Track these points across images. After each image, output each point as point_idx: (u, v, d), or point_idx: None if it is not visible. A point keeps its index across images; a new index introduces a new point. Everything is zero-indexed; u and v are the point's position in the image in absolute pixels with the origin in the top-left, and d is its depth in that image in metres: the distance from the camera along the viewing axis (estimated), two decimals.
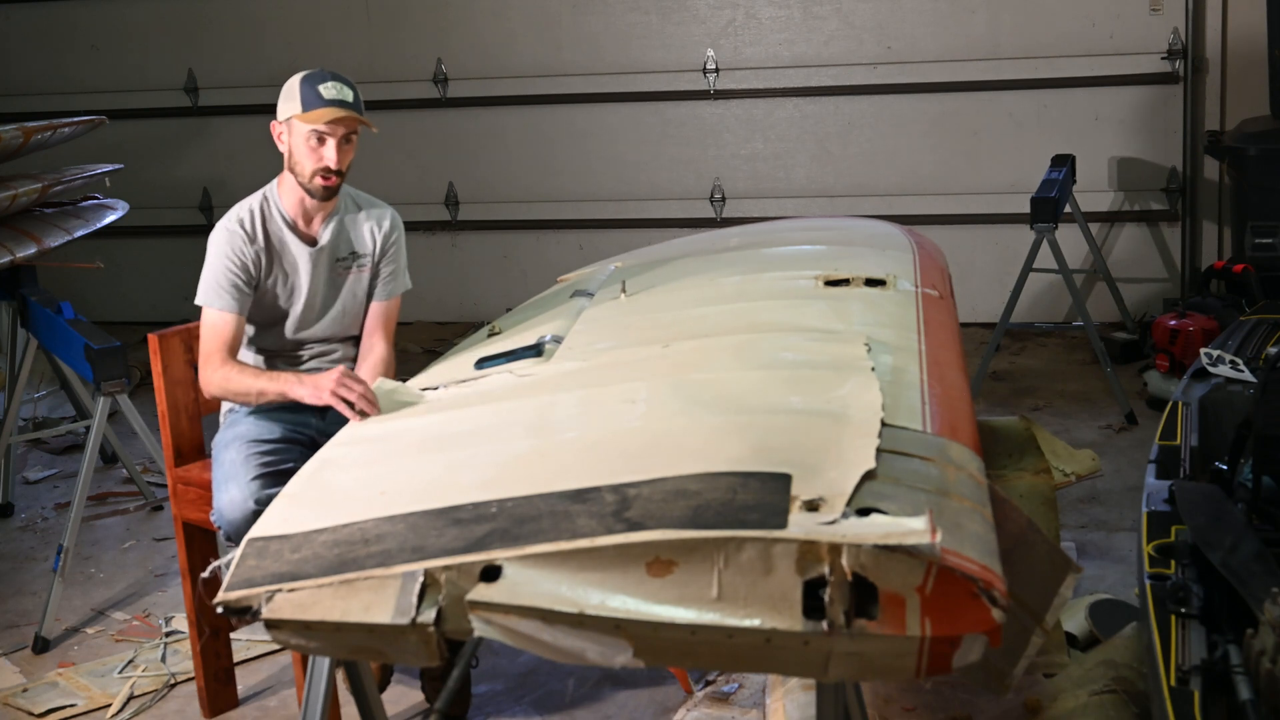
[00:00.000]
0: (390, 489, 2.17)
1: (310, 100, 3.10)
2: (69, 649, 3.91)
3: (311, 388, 2.89)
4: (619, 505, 1.88)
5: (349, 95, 3.12)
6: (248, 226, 3.18)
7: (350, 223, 3.30)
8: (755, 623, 1.73)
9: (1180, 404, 3.50)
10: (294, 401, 3.24)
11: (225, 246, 3.16)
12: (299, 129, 3.12)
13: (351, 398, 2.71)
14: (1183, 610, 2.50)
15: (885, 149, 6.69)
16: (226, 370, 3.10)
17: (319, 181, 3.15)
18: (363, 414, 2.68)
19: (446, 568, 1.86)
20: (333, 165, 3.13)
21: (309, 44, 7.12)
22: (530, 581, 1.82)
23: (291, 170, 3.18)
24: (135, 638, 3.94)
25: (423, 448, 2.40)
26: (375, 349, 3.31)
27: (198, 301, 3.17)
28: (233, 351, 3.13)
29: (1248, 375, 3.60)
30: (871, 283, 3.06)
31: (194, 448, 3.42)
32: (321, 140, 3.11)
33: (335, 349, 3.31)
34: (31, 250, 4.74)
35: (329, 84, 3.11)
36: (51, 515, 4.98)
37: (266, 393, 3.04)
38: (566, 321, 3.04)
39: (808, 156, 6.78)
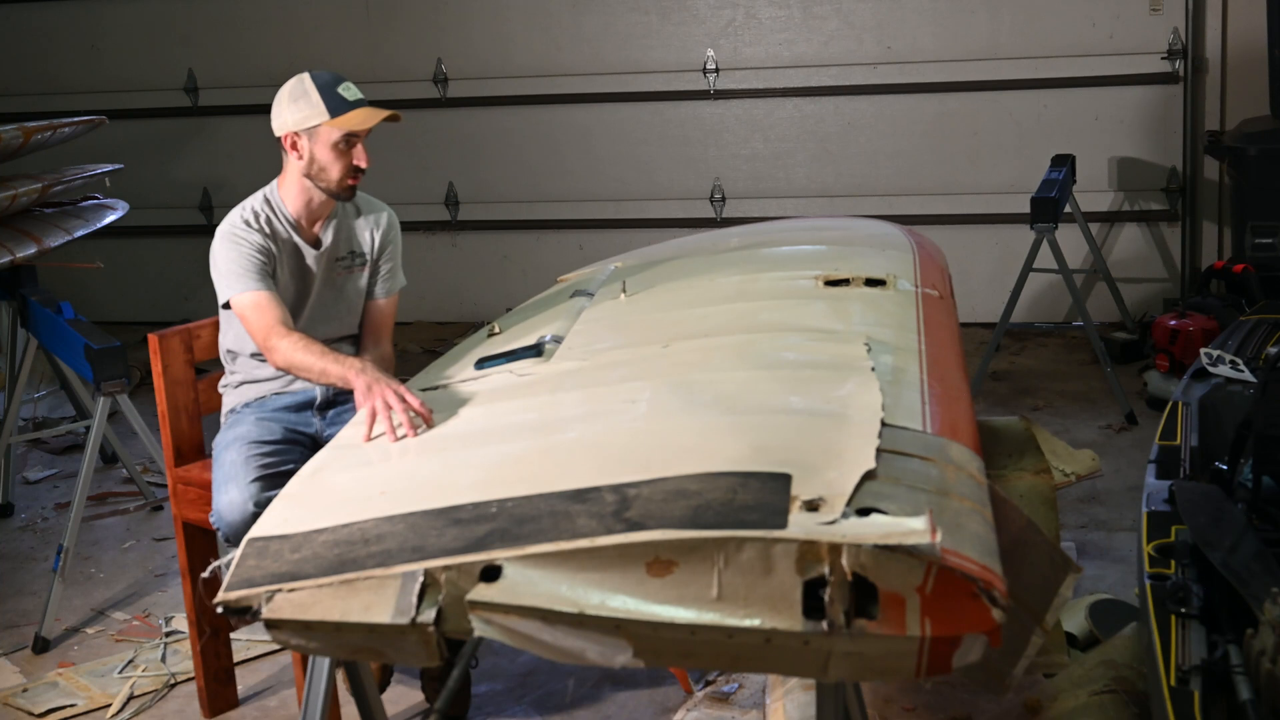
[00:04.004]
0: (390, 489, 2.17)
1: (337, 105, 3.07)
2: (69, 649, 3.91)
3: (365, 388, 2.67)
4: (619, 505, 1.88)
5: (362, 93, 3.13)
6: (255, 224, 3.17)
7: (350, 223, 3.30)
8: (755, 623, 1.73)
9: (1180, 404, 3.50)
10: (304, 400, 3.25)
11: (239, 238, 3.12)
12: (327, 135, 3.08)
13: (397, 418, 2.53)
14: (1183, 610, 2.50)
15: (885, 149, 6.69)
16: (293, 340, 2.98)
17: (348, 183, 3.14)
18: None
19: (446, 568, 1.86)
20: (365, 165, 3.12)
21: (309, 44, 7.12)
22: (530, 581, 1.82)
23: (312, 177, 3.14)
24: (135, 638, 3.94)
25: (423, 448, 2.40)
26: (375, 347, 3.31)
27: (226, 295, 3.10)
28: (287, 324, 3.04)
29: (1248, 375, 3.60)
30: (871, 283, 3.06)
31: (194, 448, 3.41)
32: (350, 143, 3.11)
33: (335, 348, 3.30)
34: (31, 250, 4.74)
35: (344, 85, 3.11)
36: (51, 515, 4.98)
37: (329, 373, 2.92)
38: (566, 321, 3.04)
39: (808, 156, 6.78)
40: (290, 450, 3.12)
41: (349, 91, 3.09)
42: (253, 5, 7.23)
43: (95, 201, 5.46)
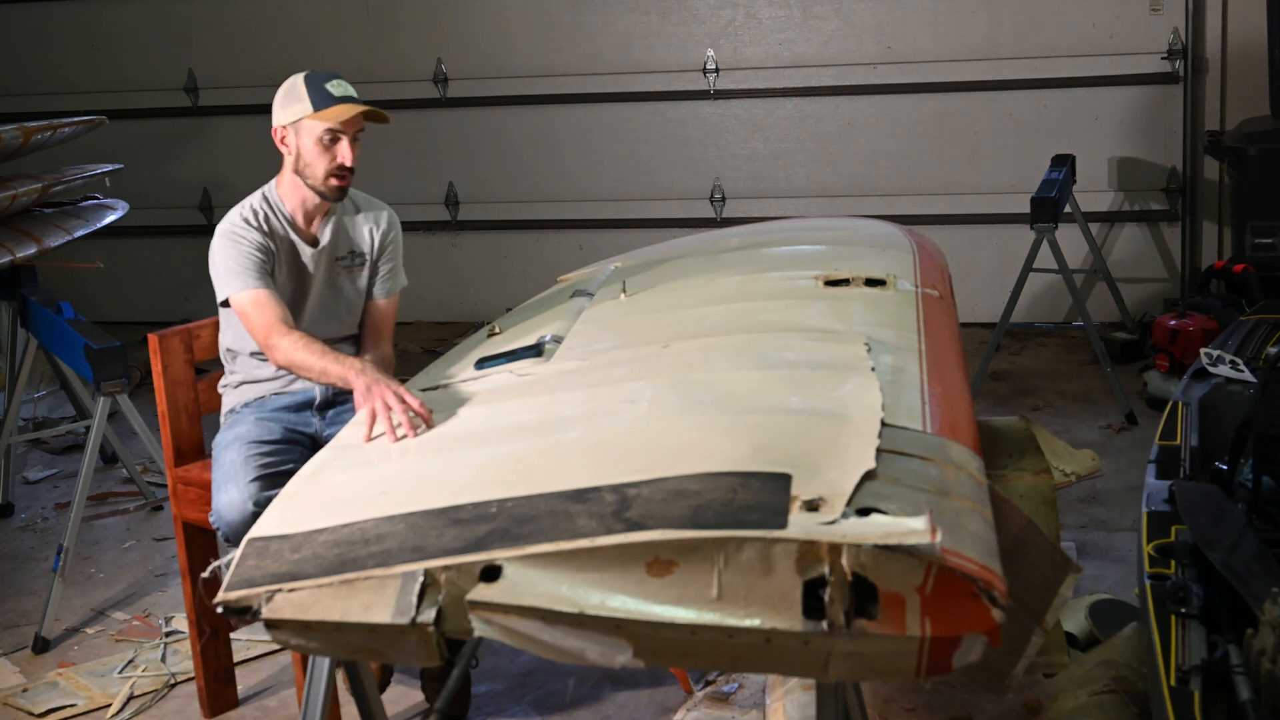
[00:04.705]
0: (390, 489, 2.17)
1: (321, 100, 3.08)
2: (69, 649, 3.91)
3: (364, 389, 2.67)
4: (619, 505, 1.88)
5: (355, 92, 3.12)
6: (254, 222, 3.17)
7: (349, 222, 3.30)
8: (755, 623, 1.73)
9: (1180, 404, 3.50)
10: (303, 399, 3.25)
11: (238, 237, 3.12)
12: (311, 129, 3.10)
13: (396, 418, 2.51)
14: (1183, 610, 2.50)
15: (885, 149, 6.69)
16: (294, 339, 2.98)
17: (333, 182, 3.14)
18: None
19: (446, 568, 1.86)
20: (348, 163, 3.11)
21: (308, 44, 7.12)
22: (530, 581, 1.82)
23: (300, 173, 3.15)
24: (135, 638, 3.94)
25: (423, 448, 2.40)
26: (375, 347, 3.31)
27: (226, 294, 3.10)
28: (288, 323, 3.04)
29: (1248, 375, 3.60)
30: (871, 283, 3.06)
31: (194, 448, 3.41)
32: (335, 139, 3.11)
33: (336, 348, 3.30)
34: (31, 250, 4.74)
35: (335, 82, 3.11)
36: (51, 515, 4.98)
37: (329, 372, 2.92)
38: (566, 321, 3.04)
39: (808, 156, 6.78)
40: (290, 450, 3.11)
41: (337, 88, 3.10)
42: (253, 5, 7.23)
43: (95, 201, 5.46)
